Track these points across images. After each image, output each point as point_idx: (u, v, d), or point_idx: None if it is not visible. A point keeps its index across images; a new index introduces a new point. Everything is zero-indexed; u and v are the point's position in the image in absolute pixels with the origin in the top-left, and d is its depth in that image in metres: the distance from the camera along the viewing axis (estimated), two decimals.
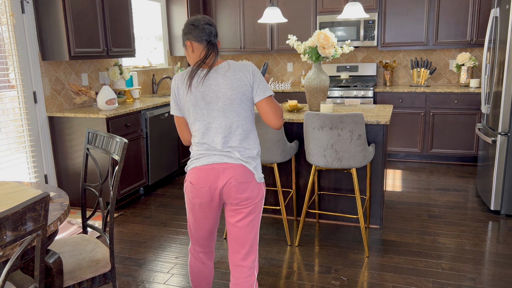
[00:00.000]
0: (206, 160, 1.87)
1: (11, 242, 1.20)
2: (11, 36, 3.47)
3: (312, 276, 2.71)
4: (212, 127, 1.86)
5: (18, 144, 3.60)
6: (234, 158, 1.86)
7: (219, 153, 1.87)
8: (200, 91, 1.84)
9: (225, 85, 1.83)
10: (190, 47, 1.87)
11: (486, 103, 3.89)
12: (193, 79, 1.85)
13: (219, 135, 1.86)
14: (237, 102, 1.84)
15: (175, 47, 5.76)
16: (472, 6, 4.91)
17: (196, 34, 1.85)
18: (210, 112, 1.85)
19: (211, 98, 1.84)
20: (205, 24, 1.86)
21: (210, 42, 1.87)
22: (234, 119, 1.85)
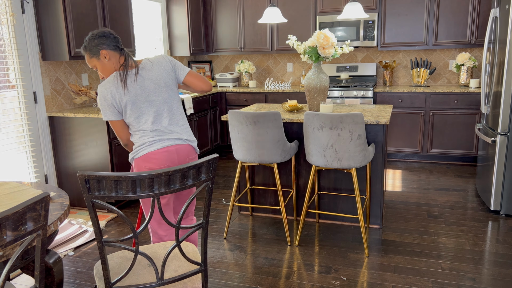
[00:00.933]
0: (160, 145, 2.14)
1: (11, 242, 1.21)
2: (11, 36, 3.47)
3: (312, 276, 2.72)
4: (158, 114, 2.14)
5: (18, 144, 3.60)
6: (183, 140, 2.20)
7: (170, 137, 2.16)
8: (136, 88, 2.09)
9: (157, 76, 2.14)
10: (106, 55, 2.08)
11: (485, 103, 3.89)
12: (126, 81, 2.08)
13: (166, 120, 2.17)
14: (171, 88, 2.19)
15: (175, 47, 5.76)
16: (472, 6, 4.91)
17: (109, 43, 2.08)
18: (152, 102, 2.12)
19: (149, 91, 2.12)
20: (113, 33, 2.13)
21: (122, 49, 2.14)
22: (173, 103, 2.20)
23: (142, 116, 2.13)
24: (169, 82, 2.18)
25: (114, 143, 3.75)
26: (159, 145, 2.14)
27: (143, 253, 1.53)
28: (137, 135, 2.17)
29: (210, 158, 1.55)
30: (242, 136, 3.06)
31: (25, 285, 2.70)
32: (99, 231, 1.48)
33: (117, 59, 2.11)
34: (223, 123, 5.96)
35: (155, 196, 1.46)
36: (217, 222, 3.62)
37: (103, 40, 2.07)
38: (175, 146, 2.17)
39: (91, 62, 2.11)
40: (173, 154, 2.16)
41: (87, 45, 2.08)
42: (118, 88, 2.07)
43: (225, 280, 2.69)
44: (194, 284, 1.77)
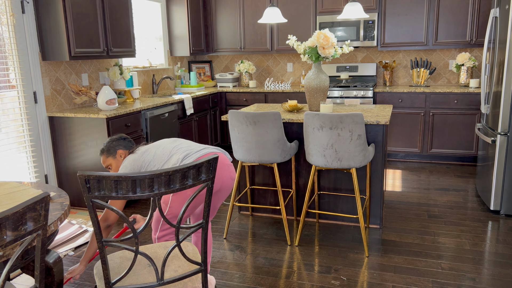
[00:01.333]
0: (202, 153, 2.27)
1: (11, 242, 1.21)
2: (11, 36, 3.48)
3: (312, 276, 2.72)
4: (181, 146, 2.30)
5: (18, 144, 3.60)
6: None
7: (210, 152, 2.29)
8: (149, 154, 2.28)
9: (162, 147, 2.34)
10: (123, 155, 2.36)
11: (485, 103, 3.89)
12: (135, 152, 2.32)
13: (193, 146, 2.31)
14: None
15: (175, 47, 5.76)
16: (472, 6, 4.91)
17: (126, 144, 2.38)
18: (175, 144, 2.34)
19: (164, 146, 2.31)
20: (127, 138, 2.42)
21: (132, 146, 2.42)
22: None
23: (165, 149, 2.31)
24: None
25: None
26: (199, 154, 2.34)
27: (143, 253, 1.53)
28: (171, 158, 2.31)
29: (210, 158, 1.55)
30: (242, 136, 3.06)
31: (25, 285, 2.70)
32: (99, 231, 1.48)
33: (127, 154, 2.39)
34: (223, 123, 5.96)
35: (155, 196, 1.46)
36: (217, 222, 3.62)
37: (121, 142, 2.38)
38: (227, 160, 2.35)
39: (106, 162, 2.38)
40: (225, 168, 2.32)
41: (105, 148, 2.38)
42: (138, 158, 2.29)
43: (225, 280, 2.69)
44: (194, 284, 1.77)
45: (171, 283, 1.67)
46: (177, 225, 1.55)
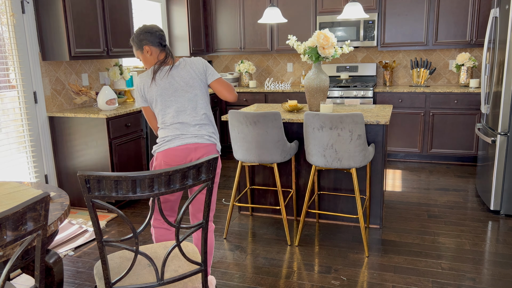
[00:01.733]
0: (180, 142, 2.23)
1: (11, 242, 1.21)
2: (11, 36, 3.48)
3: (312, 276, 2.72)
4: (182, 111, 2.25)
5: (18, 144, 3.60)
6: (204, 138, 2.27)
7: (191, 135, 2.25)
8: (166, 83, 2.23)
9: (187, 75, 2.25)
10: (149, 51, 2.26)
11: (485, 103, 3.89)
12: (156, 74, 2.25)
13: (189, 117, 2.25)
14: (199, 88, 2.28)
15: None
16: (472, 6, 4.92)
17: (152, 39, 2.24)
18: (178, 98, 2.24)
19: (176, 87, 2.24)
20: (158, 31, 2.27)
21: (165, 46, 2.29)
22: (198, 102, 2.28)
23: (166, 110, 2.26)
24: (197, 82, 2.28)
25: (114, 143, 3.76)
26: (179, 141, 2.24)
27: (143, 253, 1.53)
28: (161, 129, 2.29)
29: (210, 158, 1.55)
30: (242, 136, 3.06)
31: (25, 285, 2.70)
32: (99, 231, 1.48)
33: (157, 55, 2.28)
34: (223, 123, 5.96)
35: (155, 196, 1.46)
36: (217, 222, 3.62)
37: (147, 36, 2.23)
38: (195, 144, 2.25)
39: (137, 54, 2.31)
40: (191, 152, 2.25)
41: (134, 38, 2.27)
42: (148, 81, 2.26)
43: (225, 280, 2.69)
44: (194, 284, 1.77)
45: (171, 283, 1.67)
46: (177, 225, 1.55)
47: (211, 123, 2.35)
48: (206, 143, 2.28)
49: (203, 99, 2.31)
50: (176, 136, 2.24)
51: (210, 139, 2.31)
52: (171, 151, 2.23)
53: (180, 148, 2.23)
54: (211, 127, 2.34)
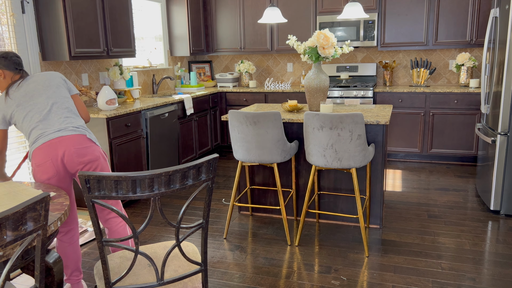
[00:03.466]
0: (43, 139, 2.23)
1: (12, 242, 1.21)
2: (11, 36, 3.47)
3: (312, 276, 2.72)
4: (44, 111, 2.26)
5: (18, 144, 3.60)
6: (69, 130, 2.27)
7: (55, 130, 2.25)
8: (20, 91, 2.27)
9: (42, 78, 2.33)
10: (1, 74, 2.29)
11: (485, 103, 3.89)
12: (9, 90, 2.28)
13: (52, 115, 2.27)
14: (59, 87, 2.35)
15: (175, 47, 5.76)
16: (472, 6, 4.92)
17: (7, 64, 2.28)
18: (36, 100, 2.27)
19: (33, 91, 2.28)
20: (14, 56, 2.32)
21: (22, 70, 2.35)
22: (59, 99, 2.32)
23: (28, 115, 2.26)
24: (56, 82, 2.36)
25: (114, 143, 3.75)
26: (42, 140, 2.23)
27: (143, 253, 1.53)
28: (30, 136, 2.28)
29: (210, 158, 1.55)
30: (242, 136, 3.06)
31: (25, 285, 2.70)
32: (99, 231, 1.48)
33: (11, 77, 2.32)
34: (223, 123, 5.96)
35: (155, 196, 1.46)
36: (217, 222, 3.62)
37: (1, 61, 2.28)
38: (59, 138, 2.24)
39: None
40: (56, 146, 2.23)
41: None
42: (2, 100, 2.28)
43: (225, 280, 2.69)
44: (194, 284, 1.77)
45: (171, 283, 1.67)
46: (177, 225, 1.56)
47: (75, 115, 2.37)
48: (72, 135, 2.26)
49: (63, 95, 2.36)
50: (39, 136, 2.25)
51: (77, 129, 2.30)
52: (36, 150, 2.24)
53: (44, 145, 2.22)
54: (79, 119, 2.37)
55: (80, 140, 2.28)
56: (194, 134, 5.24)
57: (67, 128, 2.28)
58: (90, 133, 2.38)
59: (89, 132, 2.37)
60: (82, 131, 2.32)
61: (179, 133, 4.87)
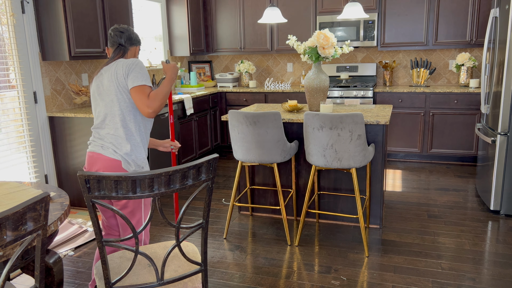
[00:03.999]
0: (91, 148, 2.16)
1: (11, 242, 1.21)
2: (11, 36, 3.48)
3: (312, 276, 2.72)
4: (100, 114, 2.13)
5: (18, 144, 3.60)
6: (108, 151, 2.09)
7: (96, 142, 2.14)
8: (97, 81, 2.15)
9: (106, 78, 2.10)
10: (107, 50, 2.24)
11: (485, 103, 3.89)
12: (97, 73, 2.18)
13: (103, 123, 2.12)
14: (117, 94, 2.07)
15: (175, 47, 5.76)
16: (472, 6, 4.91)
17: (110, 39, 2.20)
18: (99, 102, 2.14)
19: (100, 90, 2.13)
20: (112, 29, 2.20)
21: (120, 45, 2.20)
22: (113, 109, 2.09)
23: (94, 110, 2.20)
24: (115, 87, 2.07)
25: None
26: (91, 147, 2.17)
27: (143, 253, 1.53)
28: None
29: (210, 158, 1.55)
30: (242, 136, 3.06)
31: (25, 285, 2.70)
32: (99, 231, 1.48)
33: (110, 53, 2.24)
34: (223, 123, 5.96)
35: (155, 196, 1.46)
36: (217, 222, 3.62)
37: (108, 36, 2.24)
38: (97, 154, 2.10)
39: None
40: (92, 161, 2.12)
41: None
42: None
43: (225, 280, 2.69)
44: (194, 284, 1.77)
45: (171, 283, 1.67)
46: (177, 225, 1.55)
47: (126, 136, 2.09)
48: (108, 157, 2.07)
49: (118, 106, 2.08)
50: (92, 140, 2.18)
51: (115, 154, 2.08)
52: (88, 153, 2.18)
53: (89, 153, 2.15)
54: (125, 141, 2.09)
55: (113, 167, 2.08)
56: (194, 134, 5.24)
57: (109, 148, 2.09)
58: (129, 159, 2.10)
59: (128, 158, 2.09)
60: (118, 157, 2.08)
61: (179, 133, 4.86)
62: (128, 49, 2.21)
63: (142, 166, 2.16)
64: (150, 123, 2.23)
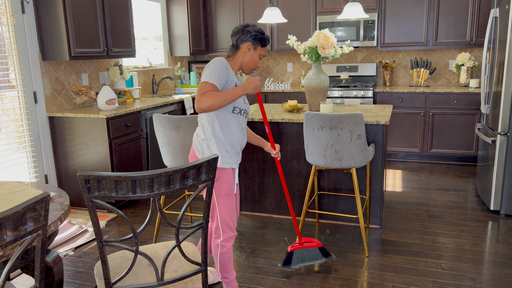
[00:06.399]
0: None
1: (11, 242, 1.21)
2: (11, 36, 3.48)
3: (312, 276, 2.72)
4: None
5: (18, 144, 3.60)
6: (194, 138, 2.33)
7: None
8: None
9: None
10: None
11: (485, 103, 3.89)
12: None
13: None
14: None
15: (175, 47, 5.76)
16: (472, 6, 4.91)
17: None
18: None
19: None
20: (236, 29, 2.29)
21: (233, 45, 2.30)
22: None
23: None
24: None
25: (114, 143, 3.75)
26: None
27: (143, 253, 1.53)
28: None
29: (210, 158, 1.55)
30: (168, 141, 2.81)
31: (25, 285, 2.70)
32: (99, 231, 1.48)
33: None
34: None
35: (155, 196, 1.46)
36: None
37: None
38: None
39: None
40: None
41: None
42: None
43: None
44: (194, 284, 1.77)
45: (171, 283, 1.67)
46: (177, 225, 1.55)
47: (205, 136, 2.26)
48: (193, 155, 2.34)
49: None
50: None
51: (194, 140, 2.33)
52: None
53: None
54: (203, 141, 2.27)
55: (192, 152, 2.35)
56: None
57: (194, 136, 2.35)
58: (202, 146, 2.28)
59: (200, 143, 2.28)
60: (195, 141, 2.32)
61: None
62: (239, 47, 2.28)
63: (220, 158, 2.27)
64: (226, 116, 2.25)
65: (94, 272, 2.43)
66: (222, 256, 2.37)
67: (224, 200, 2.30)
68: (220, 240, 2.35)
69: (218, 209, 2.31)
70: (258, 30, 2.26)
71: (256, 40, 2.25)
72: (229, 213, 2.32)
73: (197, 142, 2.29)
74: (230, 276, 2.43)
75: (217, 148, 2.25)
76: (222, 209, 2.31)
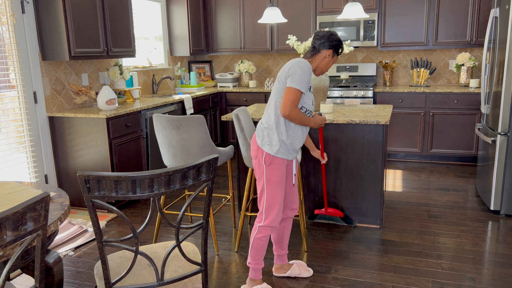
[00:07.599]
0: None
1: (11, 242, 1.21)
2: (11, 36, 3.47)
3: (312, 276, 2.71)
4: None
5: (18, 144, 3.60)
6: (255, 135, 2.42)
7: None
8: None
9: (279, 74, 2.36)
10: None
11: (486, 103, 3.89)
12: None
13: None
14: (275, 90, 2.35)
15: (175, 47, 5.76)
16: (472, 6, 4.91)
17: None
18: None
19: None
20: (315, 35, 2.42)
21: (314, 47, 2.40)
22: (270, 103, 2.39)
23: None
24: (276, 84, 2.35)
25: (114, 143, 3.76)
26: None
27: (143, 253, 1.53)
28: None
29: (210, 158, 1.55)
30: (167, 141, 2.87)
31: (25, 285, 2.70)
32: (99, 231, 1.48)
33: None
34: (223, 123, 5.96)
35: (155, 196, 1.46)
36: (217, 222, 3.61)
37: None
38: (253, 139, 2.46)
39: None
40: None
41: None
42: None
43: (225, 280, 2.69)
44: (194, 284, 1.77)
45: (171, 283, 1.67)
46: (177, 225, 1.55)
47: (268, 126, 2.35)
48: (253, 140, 2.42)
49: (276, 89, 2.35)
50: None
51: (257, 138, 2.39)
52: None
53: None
54: (265, 116, 2.39)
55: (255, 151, 2.41)
56: None
57: (257, 132, 2.43)
58: (263, 134, 2.37)
59: (262, 131, 2.37)
60: (258, 128, 2.40)
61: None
62: (320, 51, 2.38)
63: (276, 147, 2.35)
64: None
65: (94, 272, 2.43)
66: (256, 241, 2.42)
67: (274, 187, 2.37)
68: (260, 224, 2.41)
69: (266, 195, 2.39)
70: (340, 40, 2.40)
71: (337, 49, 2.39)
72: (275, 202, 2.39)
73: (260, 129, 2.39)
74: (257, 266, 2.47)
75: (276, 139, 2.34)
76: (270, 196, 2.38)
